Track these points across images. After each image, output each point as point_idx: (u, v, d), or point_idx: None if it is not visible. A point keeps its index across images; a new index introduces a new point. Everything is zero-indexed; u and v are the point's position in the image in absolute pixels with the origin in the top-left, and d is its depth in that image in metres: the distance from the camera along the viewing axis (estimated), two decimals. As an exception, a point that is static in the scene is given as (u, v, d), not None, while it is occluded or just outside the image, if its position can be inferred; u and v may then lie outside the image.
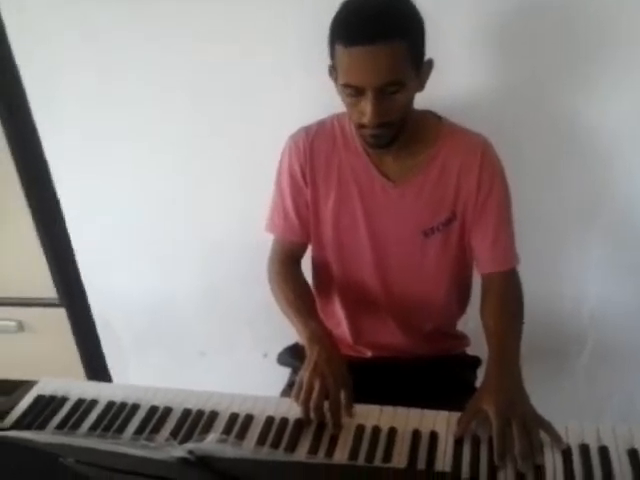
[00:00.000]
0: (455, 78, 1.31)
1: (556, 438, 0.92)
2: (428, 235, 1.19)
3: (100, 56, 1.49)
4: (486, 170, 1.15)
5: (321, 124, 1.22)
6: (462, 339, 1.39)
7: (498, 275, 1.20)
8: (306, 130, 1.22)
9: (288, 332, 1.32)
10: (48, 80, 1.55)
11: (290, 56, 1.38)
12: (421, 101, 1.13)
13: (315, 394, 0.99)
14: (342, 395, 1.00)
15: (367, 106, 1.01)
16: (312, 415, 0.99)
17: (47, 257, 1.83)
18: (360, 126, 1.07)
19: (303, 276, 1.29)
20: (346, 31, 0.99)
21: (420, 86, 1.09)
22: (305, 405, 0.99)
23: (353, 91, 1.02)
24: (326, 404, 0.99)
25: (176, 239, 1.73)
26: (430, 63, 1.08)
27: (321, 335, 1.09)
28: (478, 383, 1.30)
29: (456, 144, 1.16)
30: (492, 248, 1.18)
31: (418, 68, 1.04)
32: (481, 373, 1.28)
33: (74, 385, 1.16)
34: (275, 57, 1.39)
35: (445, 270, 1.24)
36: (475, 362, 1.35)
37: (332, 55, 1.04)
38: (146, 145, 1.59)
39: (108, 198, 1.71)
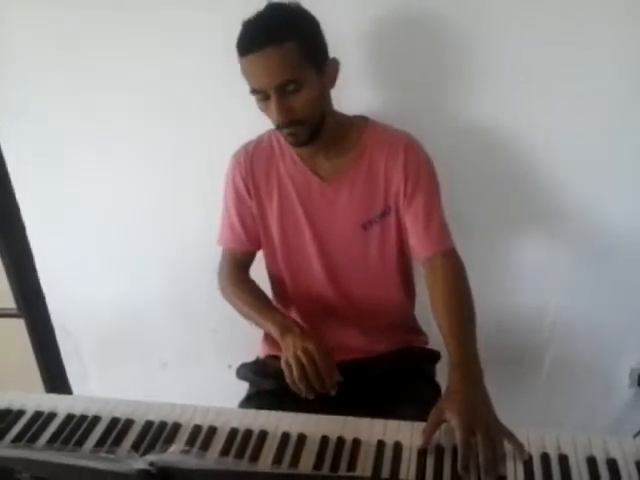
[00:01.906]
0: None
1: (519, 448, 0.93)
2: (367, 228, 1.26)
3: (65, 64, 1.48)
4: (411, 163, 1.22)
5: (259, 139, 1.32)
6: (420, 334, 1.43)
7: (436, 258, 1.22)
8: (245, 147, 1.31)
9: (253, 343, 1.31)
10: (10, 85, 1.53)
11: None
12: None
13: (307, 367, 1.06)
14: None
15: (272, 106, 1.10)
16: (315, 386, 1.06)
17: (5, 265, 1.78)
18: (277, 128, 1.16)
19: (252, 279, 1.35)
20: (242, 43, 1.09)
21: (328, 84, 1.17)
22: (305, 382, 1.06)
23: (261, 96, 1.11)
24: None
25: (139, 249, 1.71)
26: (335, 62, 1.17)
27: (289, 322, 1.17)
28: (437, 378, 1.33)
29: (381, 141, 1.24)
30: (425, 232, 1.22)
31: (318, 67, 1.12)
32: (440, 369, 1.30)
33: (31, 398, 1.13)
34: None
35: (388, 262, 1.30)
36: (434, 356, 1.38)
37: (242, 72, 1.12)
38: (108, 154, 1.58)
39: (70, 206, 1.68)
